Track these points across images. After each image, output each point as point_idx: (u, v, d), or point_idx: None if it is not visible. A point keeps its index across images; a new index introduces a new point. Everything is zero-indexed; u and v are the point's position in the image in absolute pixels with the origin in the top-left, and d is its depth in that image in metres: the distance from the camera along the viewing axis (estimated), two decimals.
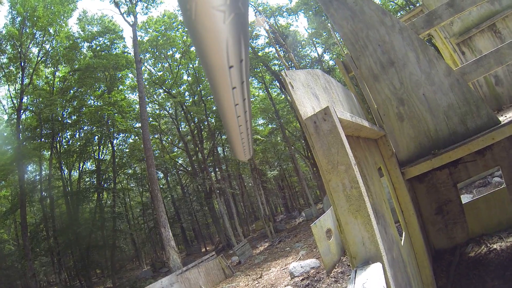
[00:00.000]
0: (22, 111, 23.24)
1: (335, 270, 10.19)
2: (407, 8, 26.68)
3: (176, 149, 37.81)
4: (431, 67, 4.78)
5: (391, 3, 30.44)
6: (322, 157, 2.01)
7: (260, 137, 34.33)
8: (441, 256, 5.42)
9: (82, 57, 26.86)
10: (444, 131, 4.67)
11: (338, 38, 9.90)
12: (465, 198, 9.01)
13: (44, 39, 24.14)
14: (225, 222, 27.40)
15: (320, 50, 36.87)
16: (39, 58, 24.43)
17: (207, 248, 35.57)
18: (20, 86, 22.86)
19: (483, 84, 7.15)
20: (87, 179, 30.84)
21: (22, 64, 22.70)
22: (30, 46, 23.50)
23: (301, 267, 11.97)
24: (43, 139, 25.09)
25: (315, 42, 36.66)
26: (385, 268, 1.87)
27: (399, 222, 4.69)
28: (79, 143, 28.51)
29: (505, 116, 4.84)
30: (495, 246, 4.91)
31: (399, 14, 25.24)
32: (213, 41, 0.75)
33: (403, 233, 4.23)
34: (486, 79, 7.09)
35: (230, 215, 29.91)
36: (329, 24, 26.64)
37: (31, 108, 25.20)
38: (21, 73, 22.90)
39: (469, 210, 5.21)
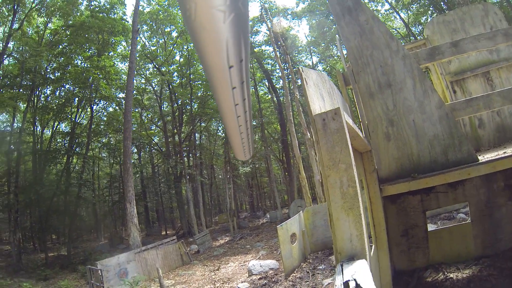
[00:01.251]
0: (5, 56, 22.37)
1: (294, 274, 10.38)
2: (408, 38, 27.39)
3: (154, 127, 37.37)
4: (425, 96, 5.01)
5: (393, 30, 31.12)
6: (325, 153, 2.12)
7: None
8: (400, 277, 5.64)
9: (78, 14, 25.94)
10: (426, 158, 4.90)
11: (339, 52, 10.09)
12: (430, 227, 9.38)
13: None
14: (190, 209, 27.29)
15: (315, 59, 37.32)
16: (33, 5, 23.53)
17: (168, 232, 35.31)
18: (8, 29, 21.93)
19: (467, 123, 7.52)
20: (59, 140, 30.01)
21: (15, 7, 21.75)
22: None
23: (260, 266, 12.12)
24: (21, 90, 23.97)
25: (312, 51, 37.04)
26: (369, 265, 1.98)
27: (370, 237, 4.89)
28: (57, 101, 27.56)
29: (483, 157, 5.13)
30: (451, 275, 5.15)
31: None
32: (213, 41, 0.76)
33: (373, 246, 4.43)
34: (470, 120, 7.46)
35: (196, 203, 29.81)
36: (336, 36, 26.94)
37: (15, 55, 24.24)
38: (12, 16, 21.95)
39: (433, 238, 5.44)
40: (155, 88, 34.14)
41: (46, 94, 27.81)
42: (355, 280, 1.64)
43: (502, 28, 5.05)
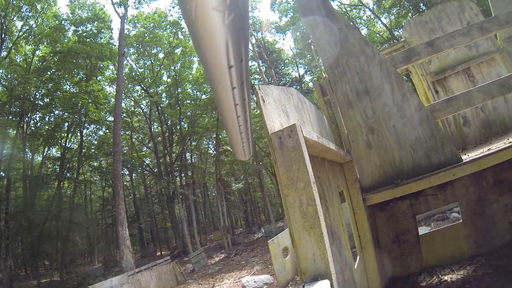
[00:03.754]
0: None
1: None
2: (391, 42, 27.69)
3: (145, 149, 37.17)
4: (404, 100, 4.94)
5: (377, 35, 31.52)
6: (282, 172, 2.02)
7: (229, 148, 34.42)
8: (394, 283, 5.52)
9: (66, 40, 26.02)
10: (409, 163, 4.81)
11: (320, 62, 10.12)
12: (423, 230, 9.27)
13: (30, 14, 23.38)
14: (184, 228, 26.95)
15: (302, 70, 37.65)
16: (21, 33, 23.59)
17: (163, 252, 34.77)
18: None
19: (451, 123, 7.47)
20: (49, 165, 29.67)
21: (3, 36, 21.75)
22: (14, 19, 22.68)
23: (254, 281, 11.87)
24: (10, 117, 23.84)
25: (298, 63, 37.38)
26: (333, 285, 1.89)
27: (355, 248, 4.76)
28: (47, 127, 27.29)
29: (468, 155, 5.05)
30: (446, 278, 5.04)
31: (383, 47, 26.21)
32: (213, 41, 0.75)
33: (358, 257, 4.29)
34: (455, 119, 7.42)
35: (189, 222, 29.48)
36: (312, 47, 27.28)
37: (3, 83, 24.13)
38: (0, 45, 21.96)
39: (425, 242, 5.34)
40: (144, 110, 34.08)
41: (35, 120, 27.59)
42: None
43: (477, 22, 5.01)
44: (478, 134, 7.36)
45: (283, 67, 37.13)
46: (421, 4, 26.34)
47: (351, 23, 28.81)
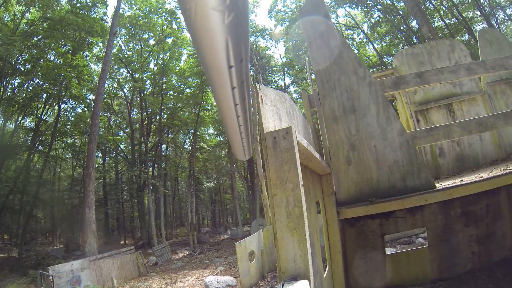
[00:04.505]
0: None
1: None
2: (379, 67, 28.44)
3: (122, 134, 36.58)
4: (387, 123, 5.13)
5: (366, 58, 32.25)
6: (273, 171, 2.10)
7: (206, 146, 34.27)
8: None
9: (58, 8, 25.13)
10: (385, 183, 4.99)
11: (311, 74, 10.30)
12: (389, 251, 9.53)
13: None
14: (151, 219, 26.66)
15: (288, 80, 37.92)
16: None
17: (127, 242, 34.14)
18: None
19: (428, 152, 7.79)
20: (21, 135, 28.66)
21: None
22: None
23: (218, 282, 11.89)
24: None
25: (285, 72, 37.66)
26: (310, 286, 1.94)
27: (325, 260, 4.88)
28: (24, 95, 26.21)
29: (441, 184, 5.29)
30: None
31: (371, 70, 26.90)
32: (213, 41, 0.75)
33: (327, 268, 4.41)
34: (432, 149, 7.74)
35: (157, 214, 29.15)
36: (306, 58, 27.60)
37: None
38: None
39: (391, 261, 5.51)
40: (126, 94, 33.54)
41: (13, 86, 26.49)
42: None
43: (465, 63, 5.28)
44: (451, 166, 7.70)
45: (270, 74, 37.33)
46: (414, 37, 27.23)
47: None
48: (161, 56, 31.46)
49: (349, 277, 5.53)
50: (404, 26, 28.27)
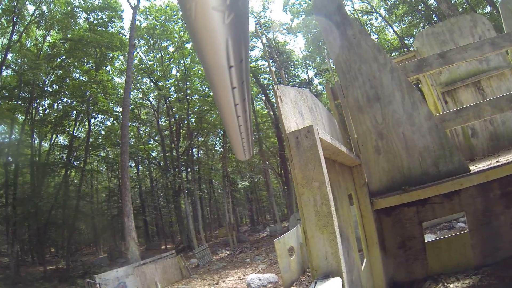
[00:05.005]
0: (4, 68, 22.42)
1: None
2: (401, 50, 27.64)
3: (152, 142, 37.36)
4: (414, 109, 5.01)
5: (387, 43, 31.42)
6: (298, 171, 2.12)
7: None
8: None
9: (77, 27, 26.11)
10: (417, 170, 4.88)
11: (331, 65, 10.14)
12: (429, 238, 9.30)
13: None
14: (189, 223, 27.13)
15: (311, 73, 37.58)
16: (33, 18, 23.65)
17: (168, 246, 35.00)
18: (7, 41, 22.04)
19: (460, 134, 7.51)
20: (57, 153, 29.89)
21: (15, 19, 21.83)
22: (26, 3, 22.75)
23: (259, 280, 11.98)
24: (19, 102, 24.01)
25: (307, 65, 37.29)
26: (344, 283, 1.95)
27: (362, 251, 4.84)
28: (55, 114, 27.48)
29: (476, 166, 5.10)
30: (451, 286, 5.07)
31: (393, 55, 26.20)
32: (213, 41, 0.76)
33: (365, 260, 4.37)
34: (463, 130, 7.45)
35: (195, 217, 29.66)
36: (325, 50, 27.22)
37: (13, 67, 24.29)
38: (11, 28, 22.06)
39: (431, 249, 5.38)
40: (152, 103, 34.26)
41: (44, 107, 27.72)
42: None
43: (489, 38, 5.05)
44: (486, 146, 7.38)
45: (292, 69, 37.05)
46: (433, 15, 26.27)
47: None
48: (182, 62, 31.78)
49: (389, 268, 5.46)
50: (422, 5, 27.29)
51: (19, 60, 24.24)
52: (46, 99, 26.81)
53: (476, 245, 5.07)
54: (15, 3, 21.43)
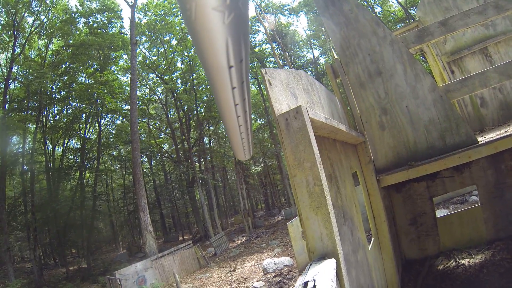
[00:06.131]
0: (10, 81, 22.70)
1: None
2: (407, 21, 26.92)
3: (163, 135, 37.62)
4: (417, 81, 4.88)
5: (392, 15, 30.69)
6: (289, 153, 2.07)
7: None
8: (411, 265, 5.52)
9: (77, 32, 26.30)
10: (423, 144, 4.77)
11: (331, 43, 9.96)
12: (441, 213, 9.20)
13: (40, 9, 23.59)
14: (205, 212, 27.45)
15: (316, 52, 37.02)
16: (33, 29, 23.85)
17: (185, 237, 35.56)
18: (11, 55, 22.30)
19: (468, 104, 7.29)
20: (70, 157, 30.35)
21: (15, 33, 22.08)
22: (25, 15, 22.91)
23: (275, 264, 12.09)
24: (29, 112, 24.44)
25: (312, 44, 36.73)
26: (339, 264, 1.93)
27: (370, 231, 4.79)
28: (65, 120, 27.97)
29: (485, 137, 4.95)
30: (463, 262, 5.01)
31: (398, 27, 25.54)
32: (213, 41, 0.75)
33: (373, 239, 4.32)
34: (472, 100, 7.24)
35: (210, 206, 29.92)
36: (323, 28, 26.70)
37: (20, 79, 24.58)
38: (13, 42, 22.30)
39: (443, 224, 5.31)
40: (160, 97, 34.38)
41: (54, 113, 28.22)
42: (314, 280, 1.60)
43: (492, 0, 4.83)
44: (496, 116, 7.14)
45: (297, 50, 36.58)
46: None
47: (365, 2, 28.08)
48: (186, 53, 31.72)
49: (401, 245, 5.40)
50: None
51: (25, 72, 24.53)
52: (55, 105, 27.27)
53: (488, 219, 4.97)
54: (14, 18, 21.60)
